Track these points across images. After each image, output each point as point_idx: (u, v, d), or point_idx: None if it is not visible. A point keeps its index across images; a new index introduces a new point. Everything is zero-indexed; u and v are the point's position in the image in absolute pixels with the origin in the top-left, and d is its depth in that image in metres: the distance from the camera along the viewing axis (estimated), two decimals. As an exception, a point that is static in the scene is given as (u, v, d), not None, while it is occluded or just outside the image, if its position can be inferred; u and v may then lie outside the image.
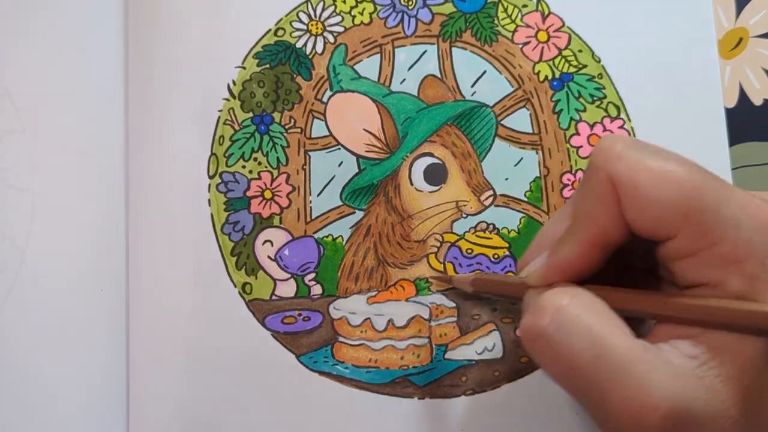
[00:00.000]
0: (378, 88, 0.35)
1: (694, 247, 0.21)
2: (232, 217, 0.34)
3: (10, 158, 0.34)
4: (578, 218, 0.24)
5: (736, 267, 0.21)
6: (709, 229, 0.21)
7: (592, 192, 0.23)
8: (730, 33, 0.35)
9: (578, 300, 0.23)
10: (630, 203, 0.22)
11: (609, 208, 0.22)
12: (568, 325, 0.22)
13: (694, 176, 0.21)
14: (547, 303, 0.23)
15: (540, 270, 0.25)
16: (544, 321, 0.22)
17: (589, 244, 0.23)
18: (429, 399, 0.33)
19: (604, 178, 0.22)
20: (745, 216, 0.21)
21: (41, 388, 0.33)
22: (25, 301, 0.33)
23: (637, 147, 0.22)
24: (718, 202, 0.21)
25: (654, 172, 0.21)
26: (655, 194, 0.21)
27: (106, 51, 0.35)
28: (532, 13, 0.35)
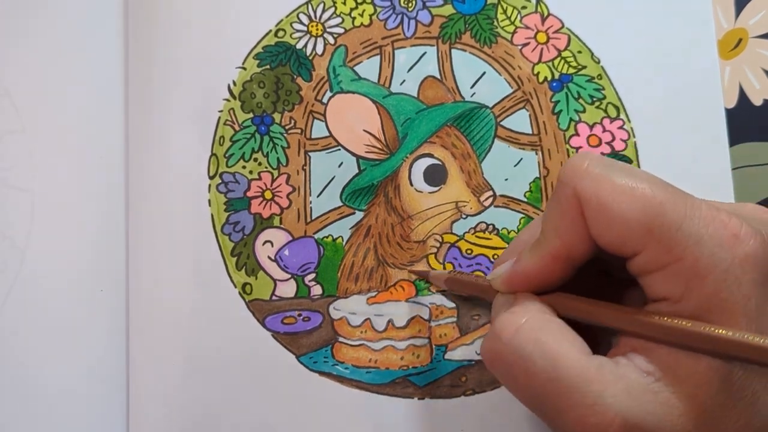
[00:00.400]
0: (378, 89, 0.35)
1: (659, 263, 0.21)
2: (232, 218, 0.34)
3: (10, 158, 0.34)
4: (545, 231, 0.24)
5: (697, 282, 0.21)
6: (672, 245, 0.21)
7: (558, 207, 0.23)
8: (729, 33, 0.35)
9: (534, 321, 0.23)
10: (595, 219, 0.22)
11: (574, 224, 0.23)
12: (522, 347, 0.22)
13: (657, 193, 0.21)
14: (501, 326, 0.23)
15: (504, 276, 0.26)
16: (500, 344, 0.23)
17: (552, 258, 0.24)
18: (429, 399, 0.33)
19: (570, 193, 0.23)
20: (707, 232, 0.21)
21: (41, 388, 0.33)
22: (25, 301, 0.33)
23: (604, 164, 0.23)
24: (681, 219, 0.21)
25: (618, 189, 0.22)
26: (618, 210, 0.21)
27: (106, 51, 0.35)
28: (531, 14, 0.35)
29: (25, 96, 0.34)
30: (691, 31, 0.35)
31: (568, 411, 0.21)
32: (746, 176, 0.34)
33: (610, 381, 0.21)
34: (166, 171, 0.34)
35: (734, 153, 0.34)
